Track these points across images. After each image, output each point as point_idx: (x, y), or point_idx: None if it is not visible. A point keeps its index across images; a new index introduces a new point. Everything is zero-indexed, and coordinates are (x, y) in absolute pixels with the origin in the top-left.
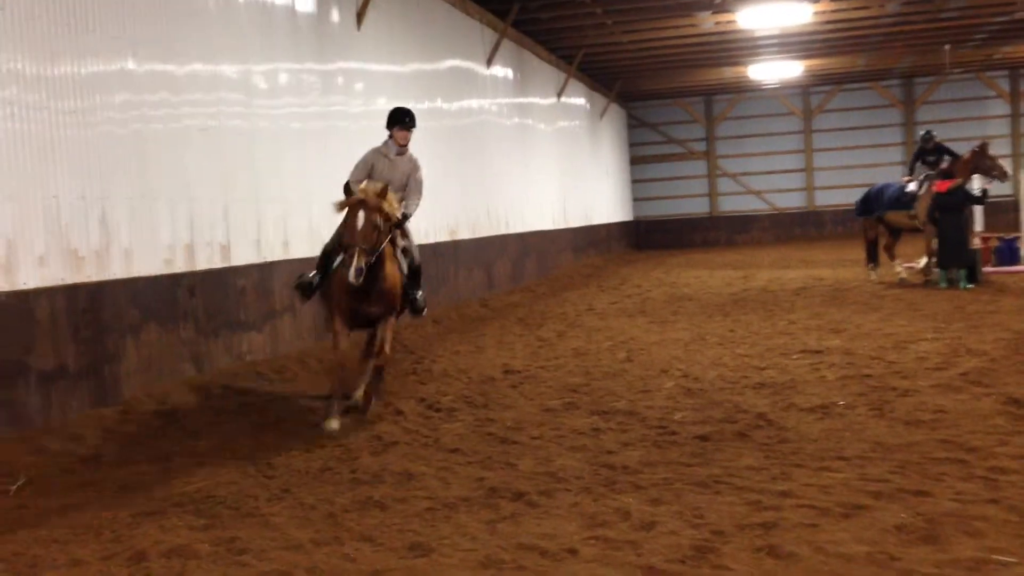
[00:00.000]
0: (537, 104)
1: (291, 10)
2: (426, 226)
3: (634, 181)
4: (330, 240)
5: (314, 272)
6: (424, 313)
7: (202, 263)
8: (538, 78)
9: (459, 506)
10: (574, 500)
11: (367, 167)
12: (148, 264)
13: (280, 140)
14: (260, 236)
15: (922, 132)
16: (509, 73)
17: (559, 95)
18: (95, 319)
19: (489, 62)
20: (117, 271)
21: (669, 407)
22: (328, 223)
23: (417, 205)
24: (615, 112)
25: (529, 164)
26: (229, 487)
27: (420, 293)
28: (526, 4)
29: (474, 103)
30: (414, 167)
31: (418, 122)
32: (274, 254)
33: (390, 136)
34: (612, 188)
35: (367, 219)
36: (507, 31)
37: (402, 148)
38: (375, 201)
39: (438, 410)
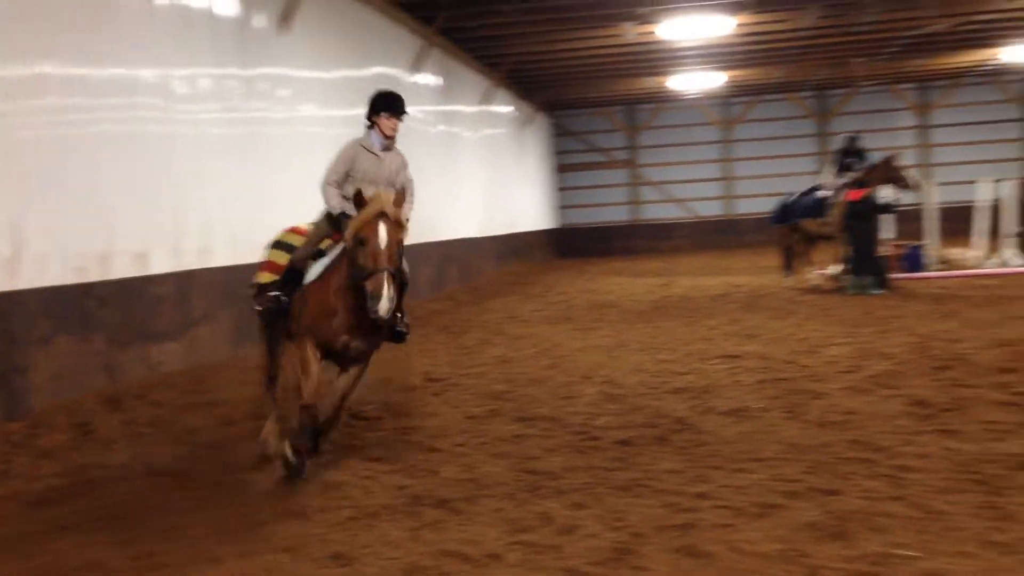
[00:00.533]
0: (463, 112)
1: (212, 14)
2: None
3: (559, 189)
4: (302, 249)
5: (277, 292)
6: (406, 339)
7: (117, 272)
8: (464, 86)
9: (381, 514)
10: (497, 506)
11: (346, 165)
12: (60, 273)
13: (201, 146)
14: (179, 244)
15: (847, 135)
16: (435, 81)
17: (485, 103)
18: (4, 330)
19: (415, 69)
20: (28, 280)
21: (591, 413)
22: (250, 230)
23: (411, 209)
24: (541, 120)
25: (454, 171)
26: (145, 500)
27: (404, 317)
28: (453, 12)
29: None
30: (403, 164)
31: (343, 129)
32: (193, 262)
33: (372, 125)
34: (537, 196)
35: (391, 236)
36: (434, 39)
37: (389, 141)
38: (396, 213)
39: (361, 419)
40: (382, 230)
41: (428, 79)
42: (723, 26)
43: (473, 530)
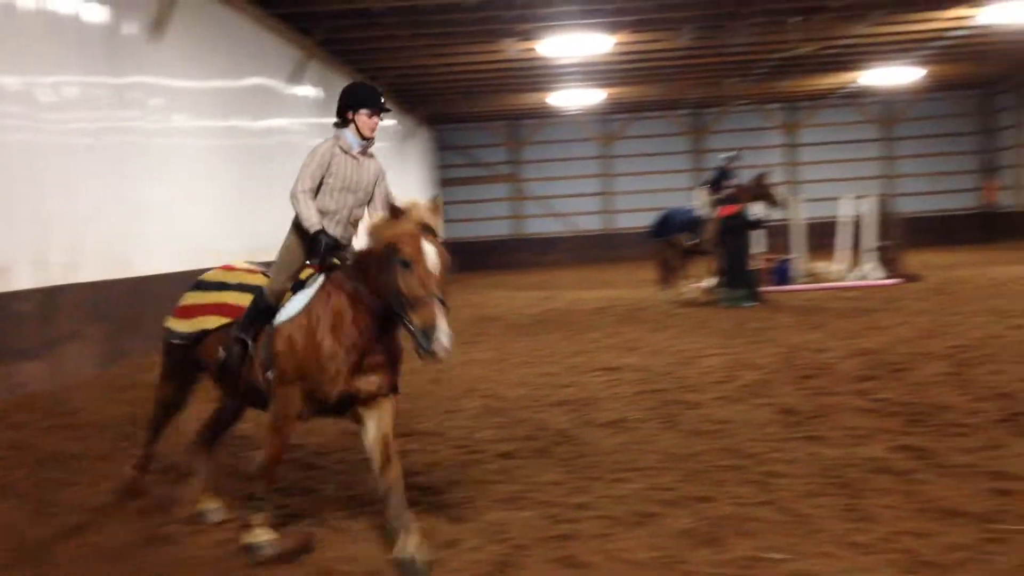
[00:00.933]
0: None
1: (79, 20)
2: (228, 247)
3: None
4: (276, 280)
5: (243, 335)
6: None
7: None
8: None
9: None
10: (379, 522)
11: (322, 169)
12: None
13: (68, 156)
14: (44, 257)
15: (729, 153)
16: (315, 92)
17: None
18: None
19: (294, 81)
20: None
21: (473, 426)
22: (121, 243)
23: None
24: (424, 134)
25: None
26: (6, 525)
27: None
28: (332, 24)
29: (278, 122)
30: (381, 170)
31: (219, 140)
32: (60, 277)
33: (346, 122)
34: None
35: (441, 256)
36: (313, 50)
37: (368, 142)
38: (437, 224)
39: (240, 437)
40: (429, 248)
41: (307, 91)
42: (602, 44)
43: (354, 548)
